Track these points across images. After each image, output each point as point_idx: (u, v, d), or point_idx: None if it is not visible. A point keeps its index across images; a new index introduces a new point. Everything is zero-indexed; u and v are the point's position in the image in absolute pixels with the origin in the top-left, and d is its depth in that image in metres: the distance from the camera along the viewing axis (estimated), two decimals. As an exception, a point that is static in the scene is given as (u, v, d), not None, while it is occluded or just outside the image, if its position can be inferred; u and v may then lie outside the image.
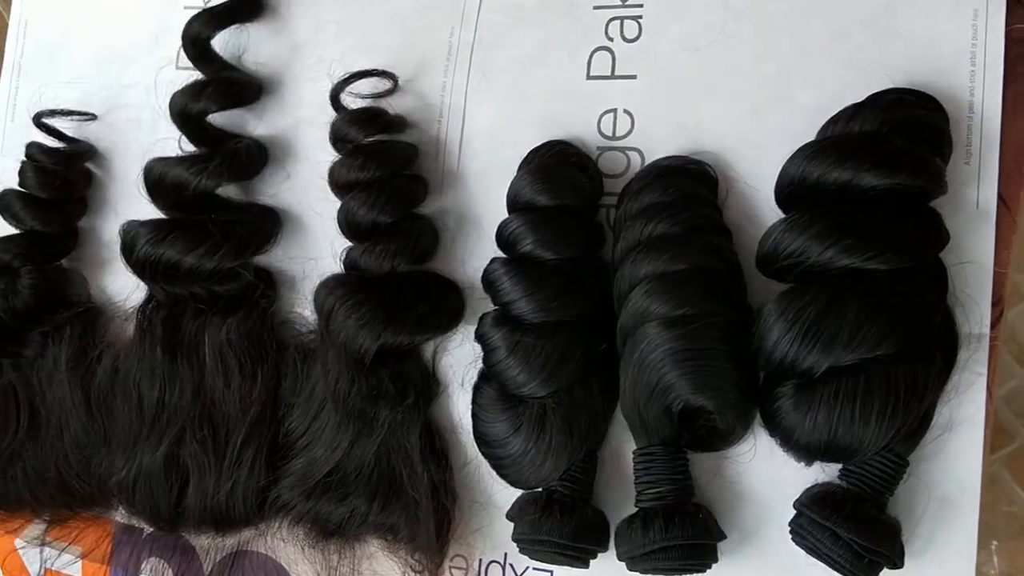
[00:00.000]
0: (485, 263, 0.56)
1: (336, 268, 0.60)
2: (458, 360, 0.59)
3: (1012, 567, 0.73)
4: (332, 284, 0.58)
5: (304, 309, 0.63)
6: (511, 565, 0.57)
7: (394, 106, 0.61)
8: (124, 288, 0.68)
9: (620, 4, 0.58)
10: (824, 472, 0.50)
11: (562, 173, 0.55)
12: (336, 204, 0.60)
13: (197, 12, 0.65)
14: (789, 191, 0.50)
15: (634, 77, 0.57)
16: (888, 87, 0.50)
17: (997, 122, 0.50)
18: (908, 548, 0.47)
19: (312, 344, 0.61)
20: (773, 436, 0.50)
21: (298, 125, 0.65)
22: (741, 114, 0.54)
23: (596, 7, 0.58)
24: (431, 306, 0.58)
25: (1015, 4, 0.50)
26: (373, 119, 0.60)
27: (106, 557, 0.67)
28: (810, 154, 0.49)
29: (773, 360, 0.48)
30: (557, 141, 0.57)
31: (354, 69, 0.60)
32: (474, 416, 0.56)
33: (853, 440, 0.46)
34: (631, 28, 0.57)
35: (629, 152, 0.57)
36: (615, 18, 0.58)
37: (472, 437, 0.56)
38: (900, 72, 0.51)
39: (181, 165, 0.62)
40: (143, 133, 0.69)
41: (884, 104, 0.49)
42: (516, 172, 0.57)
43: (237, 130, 0.66)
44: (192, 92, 0.63)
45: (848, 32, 0.53)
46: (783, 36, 0.54)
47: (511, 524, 0.54)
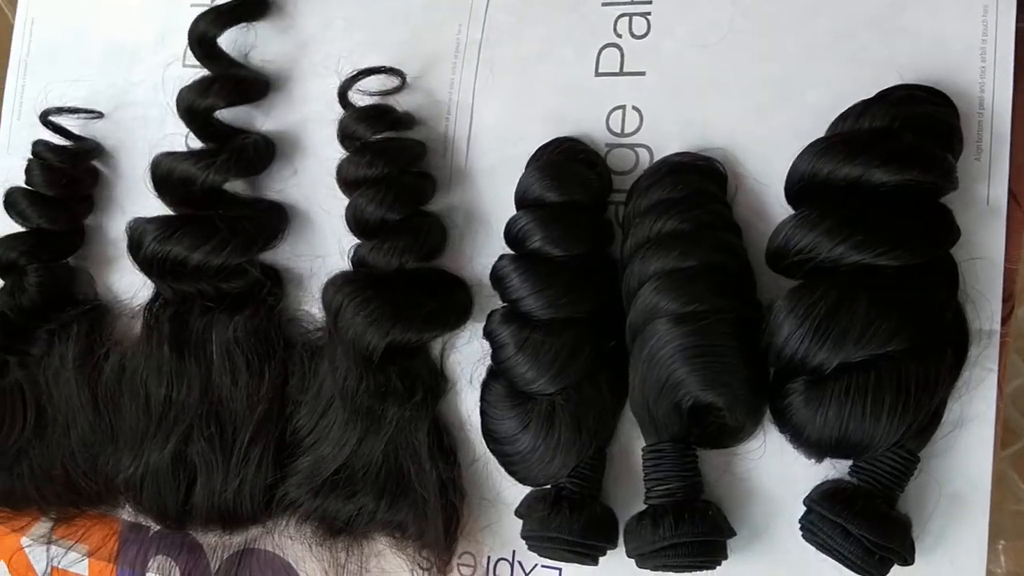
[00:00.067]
0: (493, 260, 0.56)
1: (344, 265, 0.60)
2: (466, 357, 0.59)
3: (1020, 566, 0.73)
4: (340, 281, 0.58)
5: (311, 307, 0.63)
6: (519, 563, 0.57)
7: (402, 103, 0.61)
8: (131, 286, 0.68)
9: (629, 1, 0.58)
10: (835, 468, 0.50)
11: (571, 170, 0.55)
12: (344, 201, 0.60)
13: (203, 11, 0.65)
14: (799, 187, 0.50)
15: (643, 74, 0.57)
16: (898, 83, 0.50)
17: (1007, 118, 0.50)
18: (919, 544, 0.47)
19: (319, 342, 0.61)
20: (783, 433, 0.50)
21: (306, 122, 0.65)
22: (750, 110, 0.54)
23: (604, 4, 0.58)
24: (439, 303, 0.57)
25: (1026, 0, 0.50)
26: (381, 116, 0.60)
27: (113, 555, 0.67)
28: (820, 150, 0.48)
29: (784, 356, 0.48)
30: (566, 138, 0.57)
31: (362, 66, 0.60)
32: (483, 413, 0.56)
33: (864, 436, 0.46)
34: (640, 25, 0.57)
35: (638, 149, 0.57)
36: (624, 15, 0.58)
37: (480, 434, 0.56)
38: (910, 68, 0.51)
39: (188, 160, 0.62)
40: (150, 131, 0.69)
41: (894, 100, 0.49)
42: (524, 169, 0.57)
43: (244, 126, 0.66)
44: (200, 88, 0.63)
45: (858, 29, 0.52)
46: (792, 33, 0.54)
47: (519, 521, 0.54)
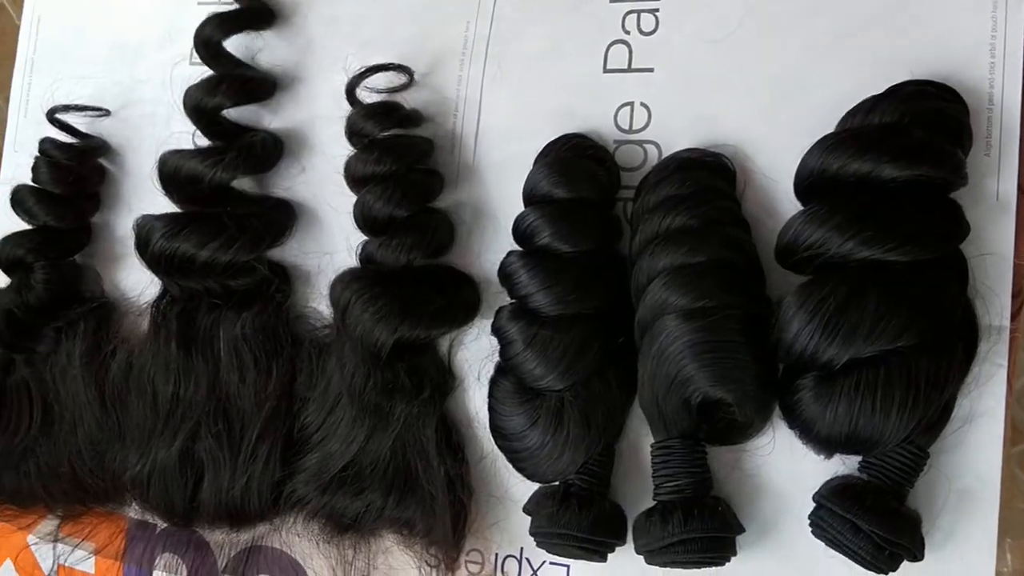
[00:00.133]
0: (501, 257, 0.56)
1: (351, 262, 0.60)
2: (474, 354, 0.59)
3: (1026, 565, 0.73)
4: (348, 278, 0.58)
5: (319, 304, 0.63)
6: (527, 559, 0.57)
7: (410, 100, 0.61)
8: (138, 284, 0.68)
9: (636, -3, 0.58)
10: (844, 464, 0.50)
11: (579, 166, 0.55)
12: (351, 198, 0.60)
13: (209, 16, 0.64)
14: (809, 183, 0.50)
15: (651, 70, 0.57)
16: (908, 79, 0.50)
17: (1017, 114, 0.50)
18: (928, 540, 0.47)
19: (327, 339, 0.61)
20: (793, 428, 0.50)
21: (313, 119, 0.65)
22: (759, 106, 0.54)
23: (613, 0, 0.58)
24: (447, 300, 0.58)
25: (1035, -5, 0.50)
26: (389, 113, 0.60)
27: (119, 553, 0.67)
28: (830, 146, 0.48)
29: (793, 352, 0.48)
30: (574, 134, 0.57)
31: (370, 63, 0.60)
32: (491, 409, 0.56)
33: (874, 432, 0.46)
34: (648, 21, 0.57)
35: (646, 145, 0.57)
36: (632, 11, 0.58)
37: (488, 431, 0.56)
38: (919, 64, 0.51)
39: (196, 158, 0.62)
40: (157, 128, 0.69)
41: (904, 96, 0.49)
42: (532, 165, 0.57)
43: (252, 124, 0.66)
44: (207, 88, 0.63)
45: (867, 25, 0.52)
46: (801, 29, 0.54)
47: (528, 518, 0.54)
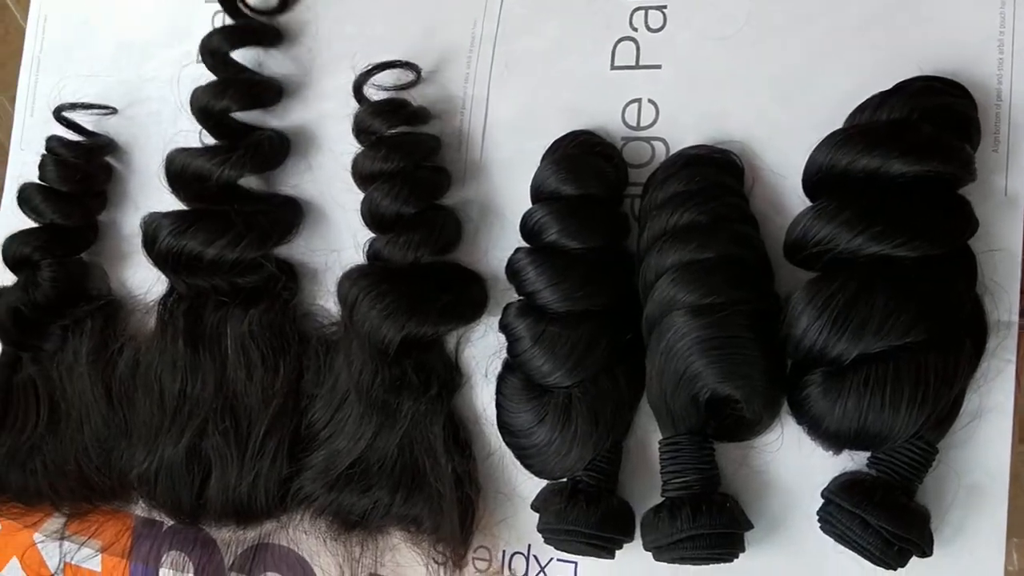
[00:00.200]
0: (508, 254, 0.56)
1: (359, 259, 0.60)
2: (481, 351, 0.59)
3: (1033, 563, 0.73)
4: (356, 275, 0.58)
5: (326, 301, 0.63)
6: (535, 556, 0.57)
7: (417, 97, 0.61)
8: (144, 281, 0.68)
9: (644, -6, 0.58)
10: (852, 461, 0.50)
11: (587, 163, 0.55)
12: (358, 196, 0.60)
13: (215, 29, 0.65)
14: (817, 179, 0.50)
15: (659, 67, 0.57)
16: (916, 75, 0.50)
17: (1026, 109, 0.50)
18: (937, 536, 0.47)
19: (334, 336, 0.61)
20: (801, 424, 0.50)
21: (321, 117, 0.65)
22: (767, 103, 0.54)
23: (620, -3, 0.58)
24: (454, 297, 0.58)
25: (1042, -8, 0.50)
26: (396, 110, 0.60)
27: (126, 551, 0.67)
28: (838, 142, 0.48)
29: (802, 347, 0.48)
30: (581, 131, 0.57)
31: (377, 61, 0.60)
32: (498, 406, 0.56)
33: (883, 427, 0.46)
34: (655, 18, 0.57)
35: (654, 142, 0.57)
36: (639, 8, 0.58)
37: (496, 428, 0.56)
38: (927, 60, 0.51)
39: (203, 156, 0.62)
40: (163, 127, 0.69)
41: (912, 92, 0.49)
42: (540, 162, 0.57)
43: (259, 122, 0.66)
44: (214, 91, 0.63)
45: (874, 21, 0.52)
46: (809, 25, 0.54)
47: (535, 515, 0.54)
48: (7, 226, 0.70)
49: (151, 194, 0.68)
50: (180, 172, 0.62)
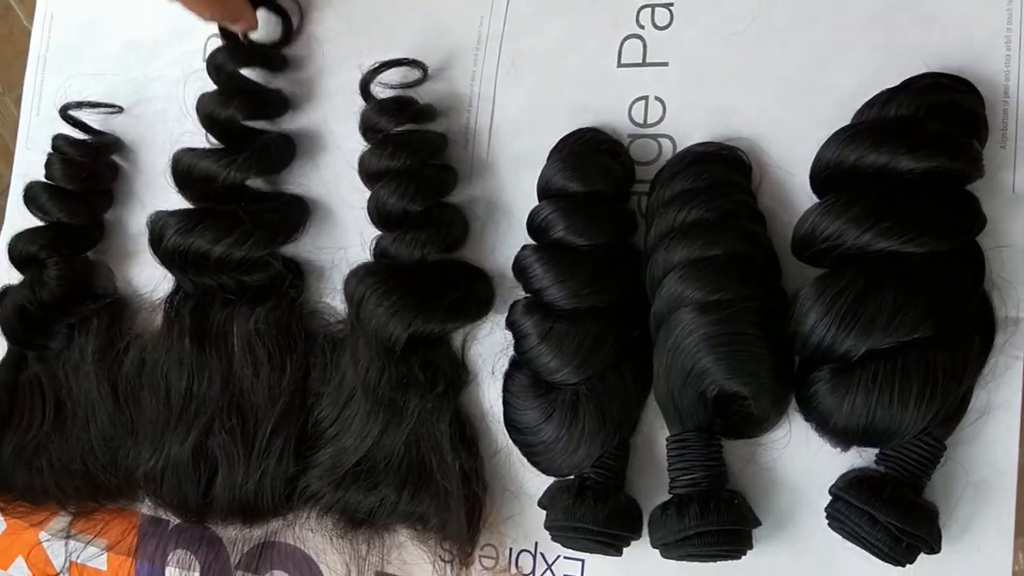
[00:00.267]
0: (514, 251, 0.56)
1: (365, 257, 0.60)
2: (487, 348, 0.59)
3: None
4: (362, 273, 0.58)
5: (333, 299, 0.63)
6: (542, 554, 0.57)
7: (424, 95, 0.61)
8: (150, 280, 0.68)
9: (650, -8, 0.58)
10: (860, 457, 0.50)
11: (593, 160, 0.55)
12: (365, 194, 0.60)
13: (219, 47, 0.65)
14: (825, 175, 0.50)
15: (665, 64, 0.57)
16: (923, 71, 0.50)
17: (1033, 106, 0.50)
18: (945, 532, 0.47)
19: (341, 334, 0.61)
20: (809, 421, 0.50)
21: (327, 115, 0.65)
22: (774, 100, 0.54)
23: (626, -6, 0.59)
24: (461, 294, 0.58)
25: (1050, -12, 0.50)
26: (403, 108, 0.60)
27: (132, 549, 0.67)
28: (846, 138, 0.48)
29: (810, 344, 0.48)
30: (588, 128, 0.57)
31: (384, 59, 0.60)
32: (505, 403, 0.56)
33: (891, 423, 0.46)
34: (662, 16, 0.57)
35: (661, 139, 0.57)
36: (646, 5, 0.58)
37: (502, 425, 0.56)
38: (935, 56, 0.51)
39: (210, 158, 0.62)
40: (170, 125, 0.69)
41: (920, 88, 0.49)
42: (547, 160, 0.57)
43: (265, 123, 0.66)
44: (221, 100, 0.63)
45: (882, 17, 0.52)
46: (816, 22, 0.54)
47: (542, 513, 0.54)
48: (13, 225, 0.70)
49: (157, 193, 0.68)
50: (186, 172, 0.63)
